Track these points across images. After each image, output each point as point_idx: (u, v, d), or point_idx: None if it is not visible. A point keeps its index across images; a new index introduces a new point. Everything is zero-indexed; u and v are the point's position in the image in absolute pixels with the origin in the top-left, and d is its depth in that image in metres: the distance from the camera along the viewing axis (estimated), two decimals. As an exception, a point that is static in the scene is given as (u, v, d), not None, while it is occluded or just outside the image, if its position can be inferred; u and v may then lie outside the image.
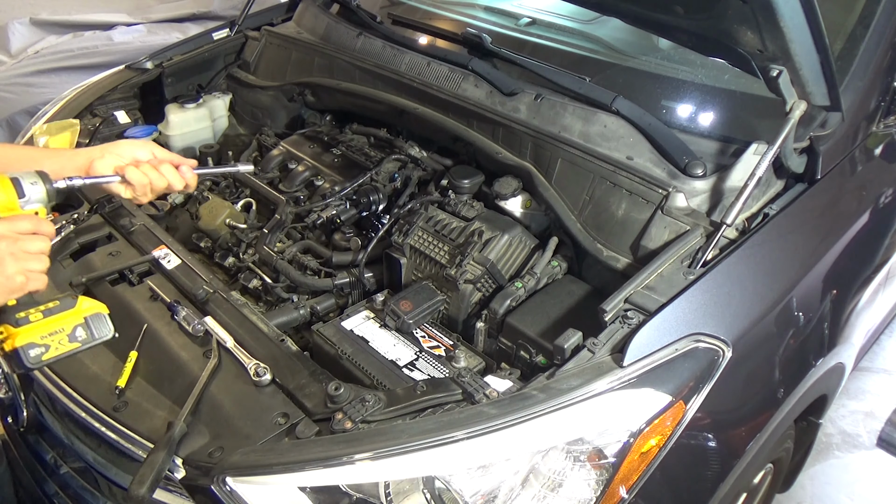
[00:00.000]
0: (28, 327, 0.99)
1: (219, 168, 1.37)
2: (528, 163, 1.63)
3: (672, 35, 1.58)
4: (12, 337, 0.99)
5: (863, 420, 2.54)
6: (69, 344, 1.03)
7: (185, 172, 1.24)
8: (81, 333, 1.04)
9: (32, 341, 0.99)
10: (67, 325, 1.03)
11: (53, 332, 1.02)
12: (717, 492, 1.28)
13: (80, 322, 1.05)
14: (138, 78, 2.15)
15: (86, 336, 1.04)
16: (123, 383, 1.27)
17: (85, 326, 1.05)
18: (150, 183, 1.19)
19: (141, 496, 1.03)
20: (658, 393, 1.11)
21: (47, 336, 1.01)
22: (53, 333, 1.02)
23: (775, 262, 1.37)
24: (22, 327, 0.99)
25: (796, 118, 1.33)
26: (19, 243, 0.95)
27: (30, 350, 0.99)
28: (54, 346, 1.01)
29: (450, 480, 1.06)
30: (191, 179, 1.25)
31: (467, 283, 1.48)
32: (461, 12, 2.17)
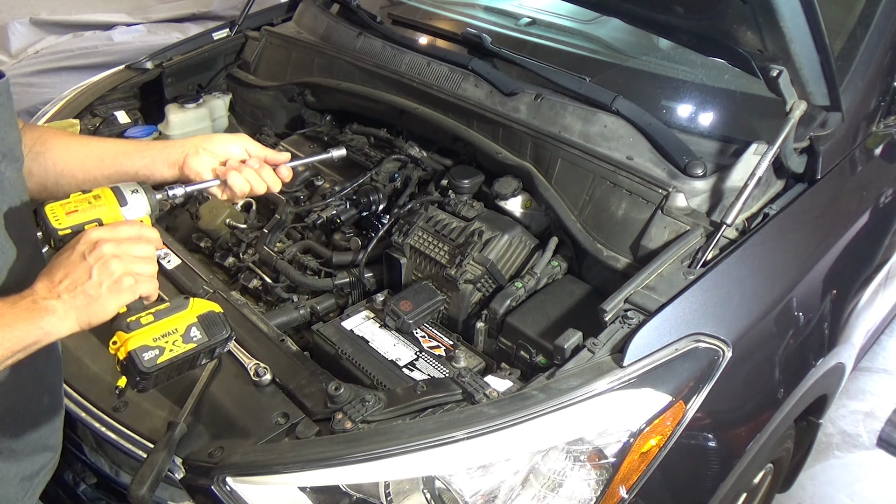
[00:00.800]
0: (140, 331, 0.94)
1: (312, 157, 1.30)
2: (528, 163, 1.63)
3: (672, 35, 1.58)
4: (125, 343, 0.93)
5: (863, 420, 2.53)
6: (184, 345, 0.96)
7: (281, 172, 1.19)
8: (196, 334, 0.98)
9: (145, 344, 0.93)
10: (181, 325, 0.97)
11: (167, 334, 0.96)
12: (717, 492, 1.28)
13: (194, 322, 0.99)
14: (138, 78, 2.15)
15: (201, 336, 0.98)
16: (123, 383, 1.27)
17: (199, 326, 0.99)
18: (250, 188, 1.14)
19: (141, 496, 1.03)
20: (658, 393, 1.11)
21: (160, 338, 0.95)
22: (167, 335, 0.96)
23: (775, 262, 1.37)
24: (134, 332, 0.93)
25: (796, 118, 1.33)
26: (123, 246, 0.92)
27: (143, 354, 0.93)
28: (168, 347, 0.95)
29: (450, 480, 1.06)
30: (287, 177, 1.20)
31: (467, 283, 1.48)
32: (461, 12, 2.17)
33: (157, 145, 1.15)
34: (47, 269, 0.90)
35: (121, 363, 0.94)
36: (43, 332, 0.86)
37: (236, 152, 1.16)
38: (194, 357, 0.98)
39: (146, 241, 0.95)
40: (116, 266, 0.90)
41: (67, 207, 0.96)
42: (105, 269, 0.90)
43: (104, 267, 0.90)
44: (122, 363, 0.94)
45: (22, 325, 0.85)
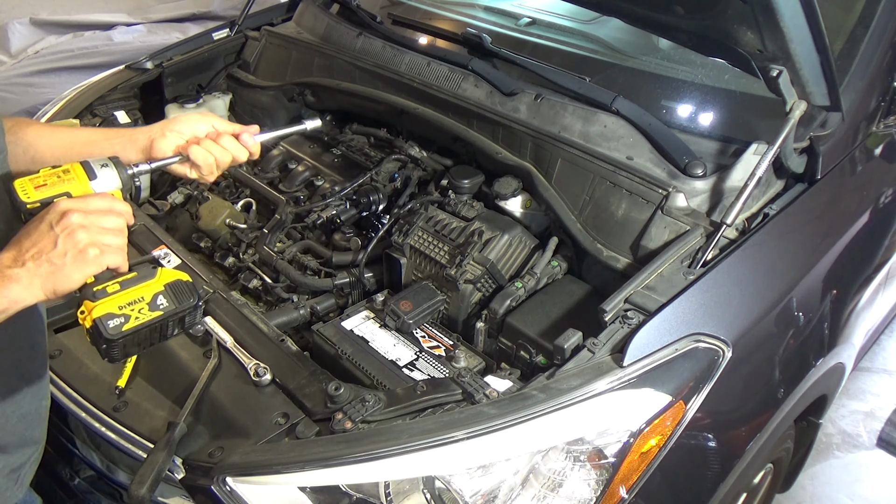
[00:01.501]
0: (106, 300, 0.93)
1: (284, 130, 1.29)
2: (528, 163, 1.63)
3: (672, 35, 1.58)
4: (90, 312, 0.93)
5: (863, 420, 2.53)
6: (150, 313, 0.96)
7: (246, 141, 1.18)
8: (163, 301, 0.97)
9: (110, 312, 0.93)
10: (147, 294, 0.97)
11: (133, 302, 0.95)
12: (717, 492, 1.28)
13: (161, 290, 0.98)
14: (138, 78, 2.15)
15: (168, 304, 0.98)
16: (123, 383, 1.27)
17: (167, 294, 0.98)
18: (215, 161, 1.14)
19: (141, 496, 1.03)
20: (658, 393, 1.11)
21: (126, 307, 0.95)
22: (133, 303, 0.95)
23: (775, 262, 1.37)
24: (99, 300, 0.93)
25: (796, 118, 1.33)
26: (91, 217, 0.91)
27: (108, 321, 0.93)
28: (134, 315, 0.95)
29: (450, 480, 1.06)
30: (253, 148, 1.19)
31: (467, 283, 1.48)
32: (461, 12, 2.17)
33: (125, 132, 1.17)
34: (15, 240, 0.90)
35: (88, 331, 0.95)
36: (8, 301, 0.86)
37: (203, 130, 1.16)
38: (163, 326, 0.98)
39: (116, 213, 0.95)
40: (82, 236, 0.90)
41: (36, 182, 0.95)
42: (70, 238, 0.89)
43: (70, 237, 0.89)
44: (89, 331, 0.94)
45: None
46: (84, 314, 0.94)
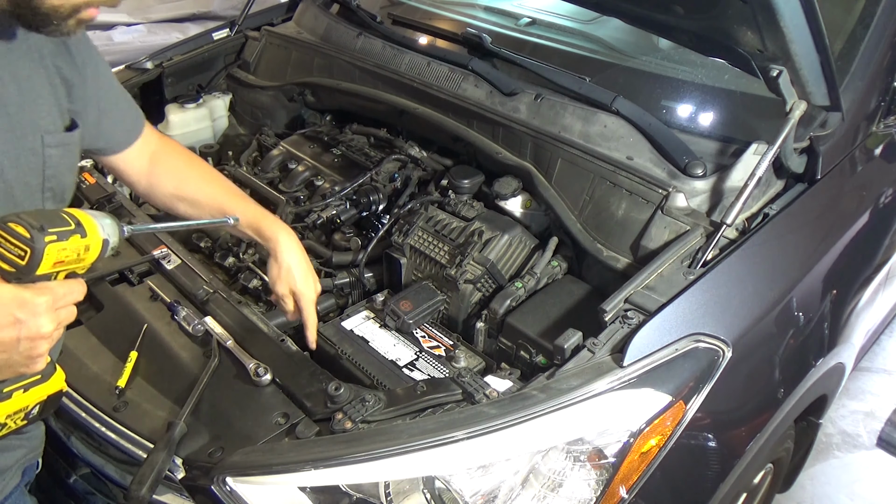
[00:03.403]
0: (6, 403, 0.86)
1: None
2: (528, 163, 1.63)
3: (672, 35, 1.58)
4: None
5: (863, 420, 2.53)
6: (21, 422, 0.89)
7: (309, 335, 1.34)
8: (34, 412, 0.90)
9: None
10: (31, 402, 0.89)
11: (17, 412, 0.88)
12: (717, 492, 1.28)
13: (42, 400, 0.91)
14: (138, 78, 2.14)
15: (35, 414, 0.91)
16: (123, 383, 1.27)
17: (41, 405, 0.91)
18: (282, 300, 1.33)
19: (141, 496, 1.03)
20: (658, 393, 1.11)
21: (11, 415, 0.87)
22: (16, 413, 0.88)
23: (775, 262, 1.37)
24: (3, 402, 0.85)
25: (796, 118, 1.33)
26: (57, 331, 0.83)
27: (30, 415, 0.88)
28: (10, 424, 0.88)
29: (450, 480, 1.06)
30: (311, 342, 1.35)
31: (467, 283, 1.48)
32: (461, 12, 2.17)
33: (268, 218, 1.32)
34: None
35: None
36: None
37: (299, 285, 1.31)
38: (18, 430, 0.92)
39: (71, 317, 0.87)
40: (44, 349, 0.83)
41: (61, 255, 0.81)
42: (33, 350, 0.81)
43: (34, 349, 0.81)
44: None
45: None
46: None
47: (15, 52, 0.94)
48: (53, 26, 0.87)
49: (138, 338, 1.33)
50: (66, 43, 1.05)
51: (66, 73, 1.05)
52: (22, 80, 0.95)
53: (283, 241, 1.29)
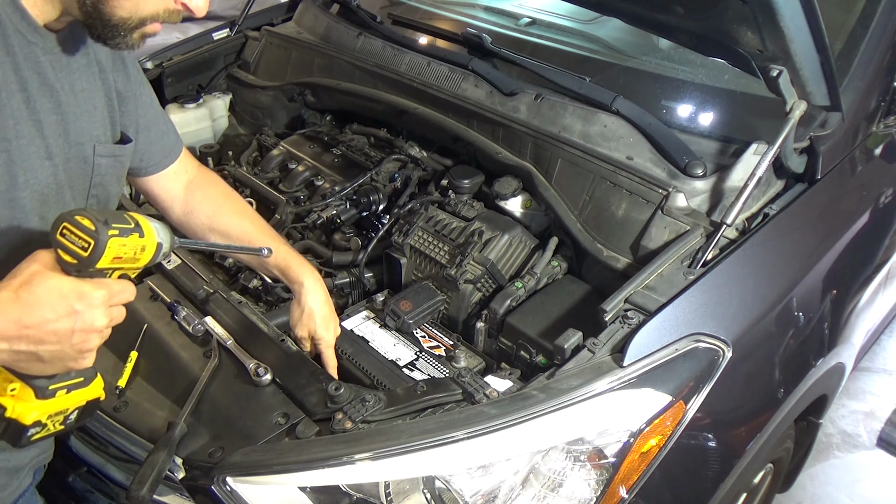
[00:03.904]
0: (48, 402, 0.83)
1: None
2: (528, 163, 1.63)
3: (672, 35, 1.58)
4: (27, 411, 0.81)
5: (863, 420, 2.54)
6: (59, 426, 0.87)
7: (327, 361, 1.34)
8: (72, 417, 0.89)
9: (39, 420, 0.83)
10: (71, 405, 0.88)
11: (57, 413, 0.86)
12: (718, 492, 1.28)
13: (81, 405, 0.90)
14: (138, 78, 2.14)
15: (73, 420, 0.89)
16: (123, 383, 1.27)
17: (79, 411, 0.90)
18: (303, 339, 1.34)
19: (141, 496, 1.03)
20: (658, 393, 1.11)
21: (52, 416, 0.85)
22: (57, 414, 0.86)
23: (775, 262, 1.37)
24: (45, 400, 0.83)
25: (796, 118, 1.33)
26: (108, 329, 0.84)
27: (32, 429, 0.83)
28: (50, 425, 0.85)
29: (450, 480, 1.06)
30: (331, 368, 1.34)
31: (467, 283, 1.48)
32: (461, 12, 2.17)
33: (296, 259, 1.34)
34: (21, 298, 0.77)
35: (7, 419, 0.82)
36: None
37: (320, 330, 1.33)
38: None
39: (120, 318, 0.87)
40: (95, 343, 0.83)
41: (120, 251, 0.82)
42: (85, 343, 0.82)
43: (86, 342, 0.82)
44: (8, 419, 0.82)
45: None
46: (18, 404, 0.81)
47: (75, 65, 0.99)
48: (119, 38, 0.91)
49: (138, 338, 1.33)
50: (124, 59, 1.10)
51: (121, 87, 1.10)
52: (79, 91, 0.99)
53: (309, 284, 1.31)
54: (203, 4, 0.95)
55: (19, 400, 0.80)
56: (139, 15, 0.90)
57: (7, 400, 0.80)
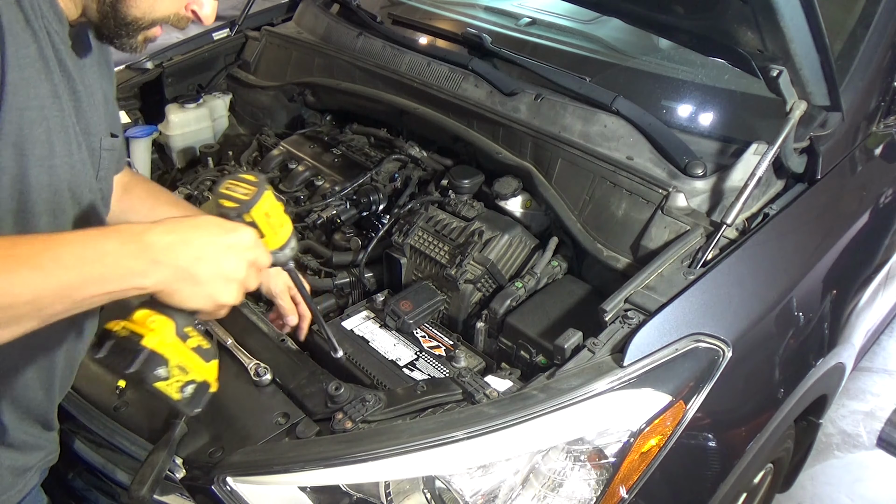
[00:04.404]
0: (181, 346, 0.83)
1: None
2: (528, 163, 1.63)
3: (672, 35, 1.58)
4: (163, 339, 0.81)
5: (863, 420, 2.54)
6: (176, 393, 0.85)
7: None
8: (187, 391, 0.86)
9: (168, 361, 0.82)
10: (192, 369, 0.86)
11: (181, 369, 0.84)
12: (718, 492, 1.28)
13: (202, 381, 0.88)
14: (138, 78, 2.14)
15: (188, 398, 0.86)
16: (124, 383, 1.27)
17: (195, 388, 0.87)
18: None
19: (141, 496, 1.03)
20: (658, 393, 1.11)
21: (177, 371, 0.84)
22: (181, 371, 0.84)
23: (775, 262, 1.37)
24: (179, 343, 0.83)
25: (796, 118, 1.33)
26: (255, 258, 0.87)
27: (157, 368, 0.81)
28: (172, 381, 0.84)
29: (450, 480, 1.06)
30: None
31: (467, 283, 1.48)
32: (461, 12, 2.17)
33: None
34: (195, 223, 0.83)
35: (142, 348, 0.81)
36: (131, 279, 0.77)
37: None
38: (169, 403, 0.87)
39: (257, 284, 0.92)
40: (251, 284, 0.87)
41: (269, 209, 0.91)
42: (231, 273, 0.84)
43: (232, 272, 0.84)
44: (143, 349, 0.81)
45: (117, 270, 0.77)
46: (155, 336, 0.81)
47: (84, 60, 1.01)
48: (126, 38, 0.95)
49: (138, 338, 1.33)
50: (109, 63, 1.13)
51: (107, 89, 1.12)
52: (87, 84, 1.01)
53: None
54: (211, 13, 0.98)
55: (157, 333, 0.80)
56: (151, 16, 0.94)
57: (146, 330, 0.80)
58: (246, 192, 0.89)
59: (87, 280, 0.74)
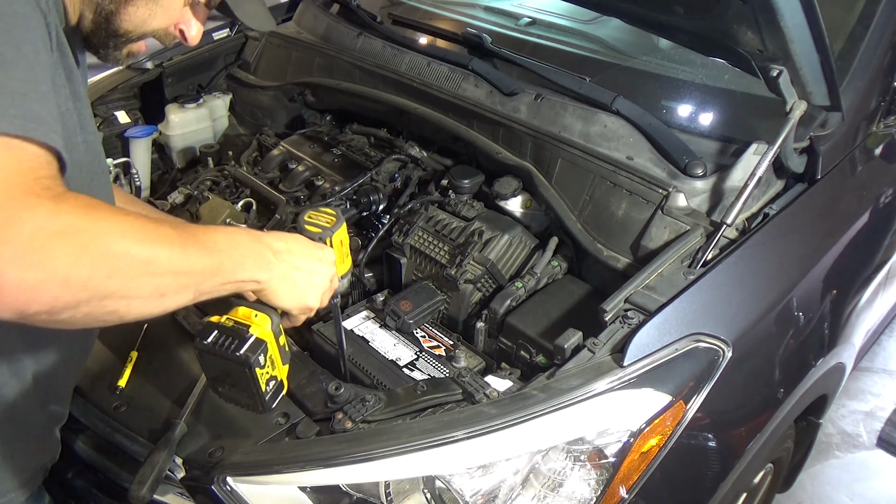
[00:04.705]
0: (274, 340, 0.95)
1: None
2: (529, 163, 1.63)
3: (672, 35, 1.58)
4: (265, 329, 0.93)
5: (863, 420, 2.54)
6: (268, 385, 0.96)
7: None
8: (272, 384, 0.97)
9: (267, 347, 0.93)
10: (276, 372, 0.98)
11: (272, 363, 0.96)
12: (718, 492, 1.28)
13: (279, 378, 1.00)
14: (138, 78, 2.14)
15: (272, 388, 0.98)
16: (123, 383, 1.27)
17: (275, 386, 0.99)
18: None
19: (141, 496, 1.03)
20: (658, 393, 1.11)
21: (271, 362, 0.95)
22: (272, 365, 0.96)
23: (775, 262, 1.37)
24: (273, 336, 0.95)
25: (796, 118, 1.33)
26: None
27: (261, 356, 0.92)
28: (268, 367, 0.95)
29: (450, 480, 1.06)
30: None
31: (467, 282, 1.48)
32: (461, 12, 2.17)
33: None
34: (294, 237, 0.99)
35: (251, 335, 0.92)
36: (245, 276, 0.88)
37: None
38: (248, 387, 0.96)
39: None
40: (322, 285, 1.00)
41: (342, 238, 1.06)
42: (317, 278, 0.99)
43: (317, 276, 0.99)
44: (252, 335, 0.91)
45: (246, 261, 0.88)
46: (258, 327, 0.92)
47: (80, 69, 1.03)
48: (111, 49, 1.00)
49: (138, 338, 1.33)
50: (86, 75, 1.14)
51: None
52: (80, 86, 1.03)
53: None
54: (197, 35, 1.04)
55: (260, 325, 0.93)
56: (141, 30, 0.99)
57: (251, 322, 0.93)
58: (328, 221, 1.04)
59: (234, 264, 0.85)
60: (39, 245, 0.64)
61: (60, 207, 0.67)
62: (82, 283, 0.67)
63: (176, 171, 2.13)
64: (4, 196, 0.65)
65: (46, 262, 0.65)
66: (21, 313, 0.66)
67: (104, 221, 0.71)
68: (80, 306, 0.69)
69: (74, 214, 0.68)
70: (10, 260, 0.63)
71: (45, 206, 0.66)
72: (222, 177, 1.96)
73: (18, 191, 0.66)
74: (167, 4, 0.98)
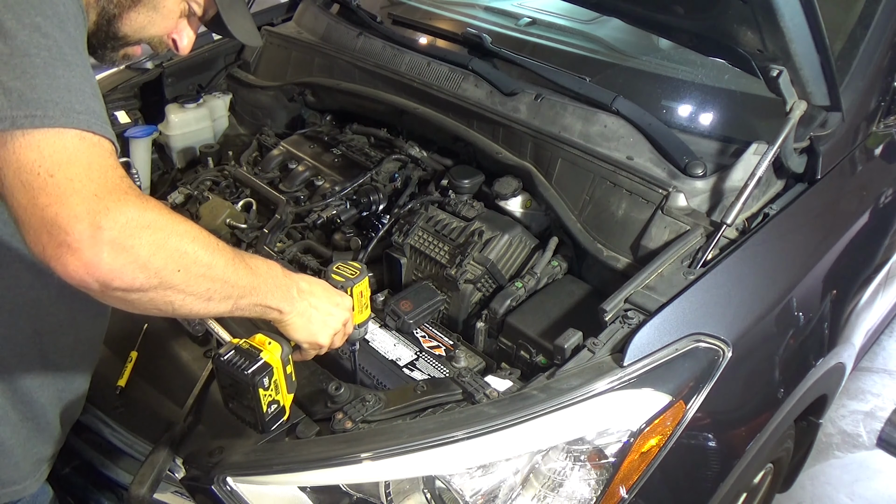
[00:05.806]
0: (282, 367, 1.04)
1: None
2: (529, 163, 1.63)
3: (672, 35, 1.58)
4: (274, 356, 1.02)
5: (863, 420, 2.54)
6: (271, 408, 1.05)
7: None
8: (273, 408, 1.06)
9: (273, 372, 1.02)
10: (279, 397, 1.06)
11: (278, 390, 1.05)
12: (718, 492, 1.28)
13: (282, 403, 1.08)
14: (138, 78, 2.14)
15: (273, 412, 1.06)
16: (123, 383, 1.27)
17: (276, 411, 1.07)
18: None
19: (141, 496, 1.03)
20: (658, 393, 1.11)
21: (275, 389, 1.04)
22: (277, 391, 1.05)
23: (775, 262, 1.37)
24: (282, 364, 1.03)
25: (796, 118, 1.33)
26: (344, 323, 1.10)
27: (266, 378, 1.01)
28: (272, 390, 1.04)
29: (450, 480, 1.06)
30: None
31: (467, 282, 1.48)
32: (461, 12, 2.17)
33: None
34: (316, 290, 1.07)
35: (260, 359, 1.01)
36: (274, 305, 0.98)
37: None
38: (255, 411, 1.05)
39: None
40: (338, 342, 1.12)
41: (364, 291, 1.16)
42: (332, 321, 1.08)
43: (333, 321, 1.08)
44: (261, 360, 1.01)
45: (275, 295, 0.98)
46: (269, 354, 1.01)
47: None
48: (108, 51, 1.04)
49: (138, 338, 1.33)
50: None
51: None
52: None
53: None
54: (188, 45, 1.09)
55: (271, 351, 1.02)
56: (139, 35, 1.04)
57: (263, 348, 1.03)
58: (352, 273, 1.14)
59: (268, 289, 0.95)
60: (130, 233, 0.75)
61: (146, 205, 0.78)
62: (156, 271, 0.78)
63: (176, 171, 2.13)
64: (103, 189, 0.75)
65: (134, 249, 0.76)
66: (106, 286, 0.76)
67: (180, 224, 0.82)
68: (148, 291, 0.79)
69: (157, 213, 0.79)
70: (109, 242, 0.74)
71: (135, 202, 0.77)
72: (222, 177, 1.96)
73: (112, 185, 0.76)
74: (166, 14, 1.03)
